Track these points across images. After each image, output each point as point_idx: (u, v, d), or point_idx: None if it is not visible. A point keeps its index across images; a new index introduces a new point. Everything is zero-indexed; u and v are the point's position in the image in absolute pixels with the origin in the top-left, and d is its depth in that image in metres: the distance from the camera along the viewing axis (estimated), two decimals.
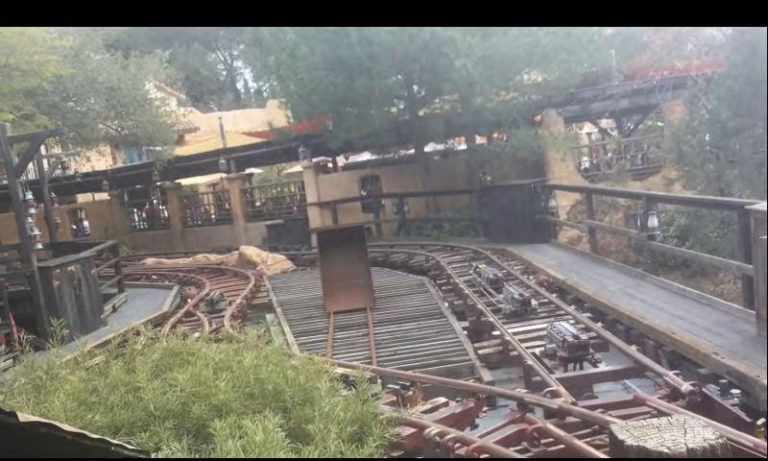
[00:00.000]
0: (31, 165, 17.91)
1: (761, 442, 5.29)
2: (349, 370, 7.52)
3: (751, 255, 8.38)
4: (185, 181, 31.32)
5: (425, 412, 6.84)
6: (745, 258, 9.13)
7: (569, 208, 19.78)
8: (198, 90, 55.16)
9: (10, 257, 20.65)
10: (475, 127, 21.25)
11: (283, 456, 3.52)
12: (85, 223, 31.79)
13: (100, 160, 29.89)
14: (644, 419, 6.05)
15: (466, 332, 11.12)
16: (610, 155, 24.41)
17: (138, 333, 6.19)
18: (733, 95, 14.38)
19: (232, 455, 3.51)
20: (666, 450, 1.76)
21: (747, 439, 5.12)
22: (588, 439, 5.81)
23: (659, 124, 21.73)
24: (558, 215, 18.54)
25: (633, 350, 8.50)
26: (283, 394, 4.53)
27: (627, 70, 21.24)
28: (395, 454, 5.56)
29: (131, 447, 3.49)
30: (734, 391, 6.60)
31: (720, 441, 1.77)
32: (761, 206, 8.17)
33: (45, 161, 19.10)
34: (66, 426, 2.86)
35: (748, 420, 5.93)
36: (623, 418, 6.05)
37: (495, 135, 23.66)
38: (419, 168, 23.16)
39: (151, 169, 27.49)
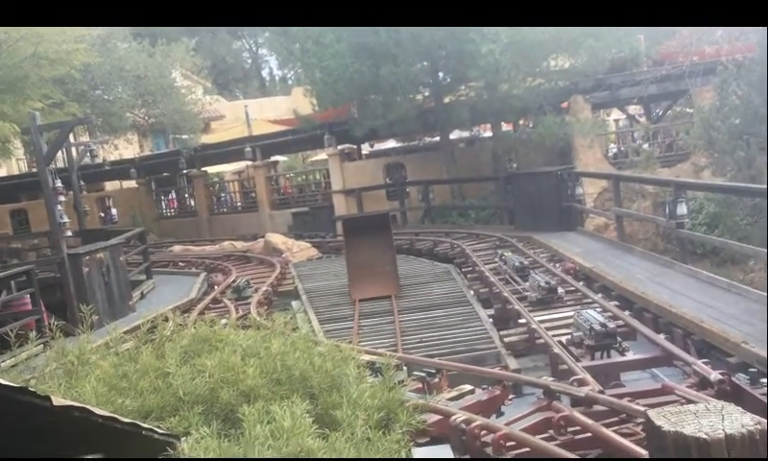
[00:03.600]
0: (60, 153, 18.10)
1: None
2: (376, 357, 7.54)
3: None
4: (211, 169, 31.50)
5: (451, 399, 6.85)
6: None
7: (596, 196, 19.60)
8: (223, 78, 55.45)
9: (40, 244, 21.00)
10: (501, 114, 21.12)
11: (311, 442, 3.54)
12: (113, 210, 32.12)
13: (127, 148, 30.23)
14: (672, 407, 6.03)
15: (491, 320, 11.10)
16: (638, 141, 24.14)
17: (167, 319, 6.25)
18: (764, 81, 14.13)
19: (261, 440, 3.53)
20: (704, 436, 1.74)
21: None
22: (616, 427, 5.78)
23: (688, 110, 21.44)
24: (584, 203, 18.38)
25: (661, 338, 8.43)
26: (310, 380, 4.54)
27: (656, 55, 20.98)
28: (420, 440, 5.57)
29: (161, 430, 3.54)
30: (764, 380, 6.52)
31: (759, 427, 1.75)
32: None
33: (74, 149, 19.31)
34: (98, 410, 2.91)
35: None
36: (651, 406, 6.01)
37: (522, 122, 23.53)
38: (444, 155, 23.08)
39: (177, 157, 27.69)
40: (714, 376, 6.49)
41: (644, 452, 4.74)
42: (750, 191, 12.78)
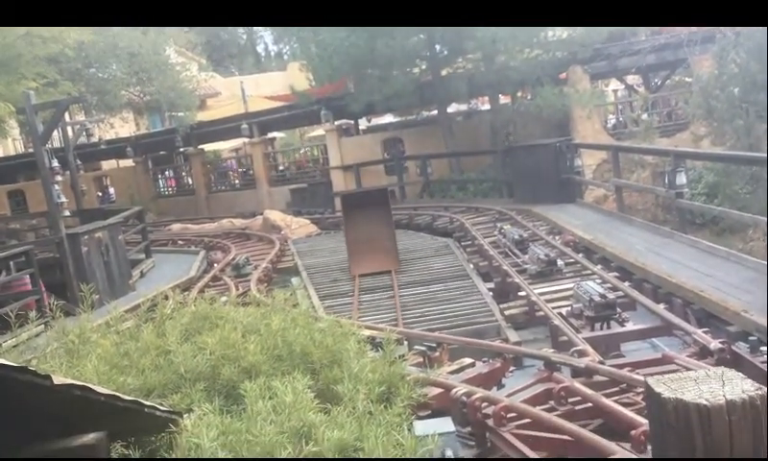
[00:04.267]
0: (55, 133, 18.01)
1: None
2: (376, 332, 7.56)
3: None
4: (208, 147, 31.39)
5: (452, 373, 6.87)
6: None
7: (595, 167, 19.56)
8: (218, 55, 55.11)
9: (38, 225, 20.98)
10: (499, 86, 20.99)
11: (313, 416, 3.55)
12: (111, 189, 32.07)
13: (123, 127, 30.11)
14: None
15: (491, 293, 11.12)
16: (637, 111, 24.04)
17: (167, 298, 6.25)
18: (763, 49, 14.04)
19: (263, 415, 3.55)
20: (705, 402, 1.74)
21: None
22: (616, 397, 5.80)
23: (687, 79, 21.34)
24: (583, 174, 18.34)
25: (660, 308, 8.43)
26: (311, 356, 4.56)
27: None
28: (422, 413, 5.59)
29: (163, 407, 3.55)
30: (764, 348, 6.54)
31: (759, 392, 1.74)
32: None
33: (69, 129, 19.22)
34: (100, 388, 2.91)
35: None
36: (651, 376, 6.03)
37: (519, 94, 23.39)
38: (442, 129, 22.99)
39: (174, 135, 27.59)
40: (714, 344, 6.51)
41: (644, 421, 4.76)
42: (749, 159, 12.74)
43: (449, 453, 4.87)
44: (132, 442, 3.63)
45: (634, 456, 4.50)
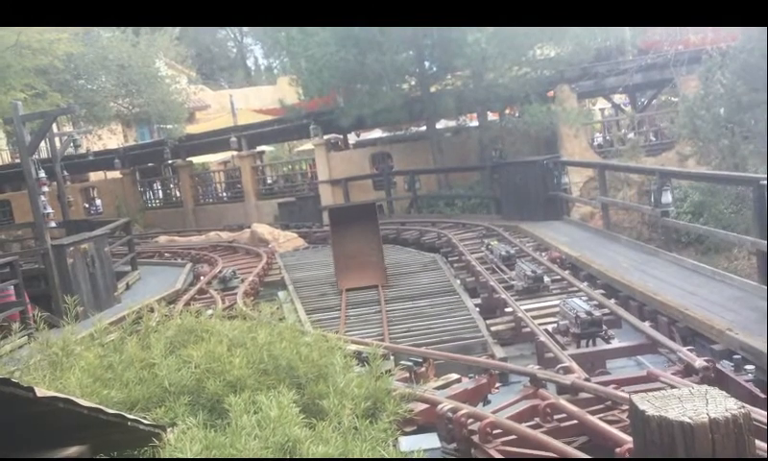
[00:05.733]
0: (43, 144, 17.94)
1: None
2: (362, 346, 7.54)
3: (766, 231, 8.31)
4: (197, 159, 31.35)
5: (438, 388, 6.87)
6: (760, 234, 9.07)
7: (582, 185, 19.68)
8: (208, 68, 55.15)
9: (24, 236, 20.84)
10: (487, 102, 21.10)
11: (298, 431, 3.53)
12: (98, 201, 31.94)
13: (111, 139, 30.00)
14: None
15: (478, 309, 11.12)
16: (623, 130, 24.21)
17: (152, 310, 6.22)
18: (749, 69, 14.23)
19: (248, 430, 3.53)
20: (688, 420, 1.75)
21: (760, 414, 5.10)
22: (601, 415, 5.81)
23: (673, 99, 21.56)
24: (570, 192, 18.44)
25: (646, 326, 8.47)
26: (297, 370, 4.54)
27: (641, 44, 21.03)
28: (407, 429, 5.58)
29: (146, 421, 3.53)
30: (748, 367, 6.59)
31: (742, 411, 1.76)
32: None
33: (57, 139, 19.15)
34: (83, 401, 2.89)
35: (762, 396, 5.92)
36: (636, 393, 6.05)
37: (508, 111, 23.53)
38: (430, 145, 23.08)
39: (162, 147, 27.53)
40: (699, 362, 6.54)
41: (629, 439, 4.78)
42: (734, 179, 12.86)
43: None
44: (114, 455, 3.60)
45: None
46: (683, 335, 8.40)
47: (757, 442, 2.94)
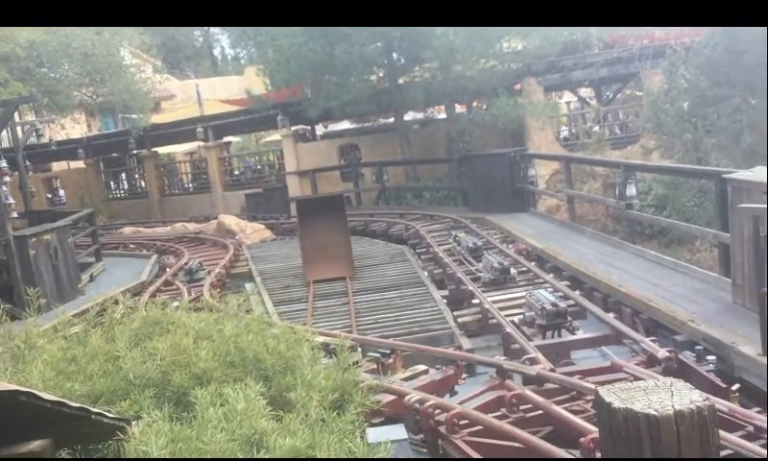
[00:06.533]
0: (4, 133, 17.58)
1: (736, 407, 5.39)
2: (330, 338, 7.53)
3: (727, 224, 8.47)
4: (162, 150, 30.98)
5: (405, 379, 6.89)
6: (722, 227, 9.23)
7: (548, 177, 19.85)
8: (174, 57, 54.41)
9: None
10: (455, 95, 21.18)
11: (265, 424, 3.52)
12: (61, 191, 31.40)
13: (75, 128, 29.49)
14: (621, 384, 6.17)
15: (445, 301, 11.17)
16: (589, 124, 24.46)
17: (117, 302, 6.13)
18: (712, 64, 14.45)
19: (214, 423, 3.50)
20: (654, 412, 1.76)
21: (722, 404, 5.21)
22: (566, 405, 5.88)
23: (638, 93, 21.80)
24: (537, 184, 18.60)
25: (610, 317, 8.58)
26: (264, 362, 4.51)
27: (607, 38, 21.24)
28: (375, 420, 5.59)
29: (111, 415, 3.48)
30: (710, 357, 6.71)
31: (706, 403, 1.78)
32: (738, 174, 8.24)
33: (19, 129, 18.77)
34: (46, 395, 2.84)
35: (723, 385, 6.04)
36: (600, 384, 6.13)
37: (475, 104, 23.62)
38: (398, 137, 23.08)
39: (127, 137, 27.15)
40: (662, 353, 6.65)
41: (594, 429, 4.84)
42: (697, 173, 13.07)
43: None
44: (78, 449, 3.55)
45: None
46: (646, 326, 8.53)
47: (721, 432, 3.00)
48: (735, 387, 5.95)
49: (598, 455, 4.64)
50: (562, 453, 4.74)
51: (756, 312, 6.79)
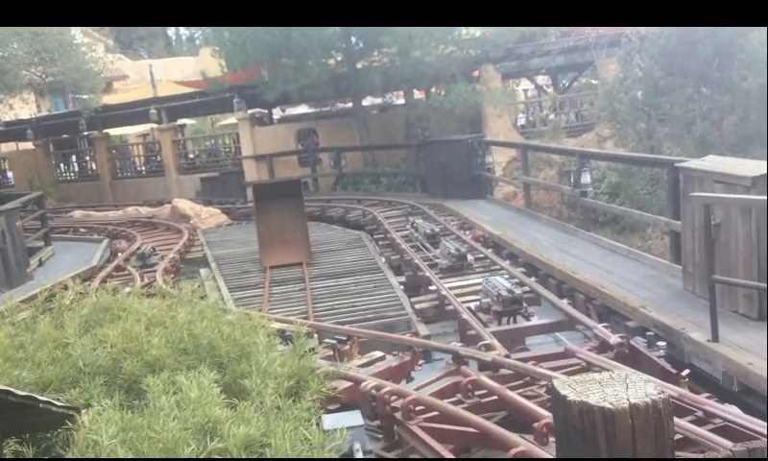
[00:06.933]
0: None
1: (685, 392, 5.50)
2: (286, 325, 7.49)
3: (679, 212, 8.62)
4: (114, 131, 30.37)
5: (362, 366, 6.89)
6: (673, 215, 9.40)
7: (505, 165, 20.00)
8: (126, 36, 53.25)
9: None
10: (414, 81, 21.17)
11: (219, 412, 3.47)
12: (9, 173, 30.61)
13: (23, 108, 28.65)
14: (574, 369, 6.24)
15: (402, 287, 11.19)
16: (545, 111, 24.70)
17: (66, 288, 6.00)
18: (666, 54, 14.66)
19: (166, 411, 3.44)
20: (609, 406, 1.76)
21: (672, 389, 5.31)
22: (521, 390, 5.94)
23: (593, 81, 22.09)
24: (494, 171, 18.72)
25: (564, 303, 8.69)
26: (219, 349, 4.45)
27: (564, 27, 21.42)
28: (331, 407, 5.57)
29: (59, 403, 3.39)
30: (661, 343, 6.84)
31: (662, 396, 1.79)
32: (691, 163, 8.39)
33: None
34: None
35: (673, 371, 6.16)
36: (554, 369, 6.21)
37: (434, 90, 23.65)
38: (356, 122, 22.99)
39: (77, 118, 26.50)
40: (614, 339, 6.76)
41: (547, 414, 4.90)
42: (649, 161, 13.29)
43: (357, 447, 4.88)
44: (26, 438, 3.46)
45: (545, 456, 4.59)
46: (599, 312, 8.66)
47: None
48: (685, 373, 6.07)
49: (551, 440, 4.69)
50: (515, 438, 4.78)
51: (706, 299, 6.93)
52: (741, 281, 6.99)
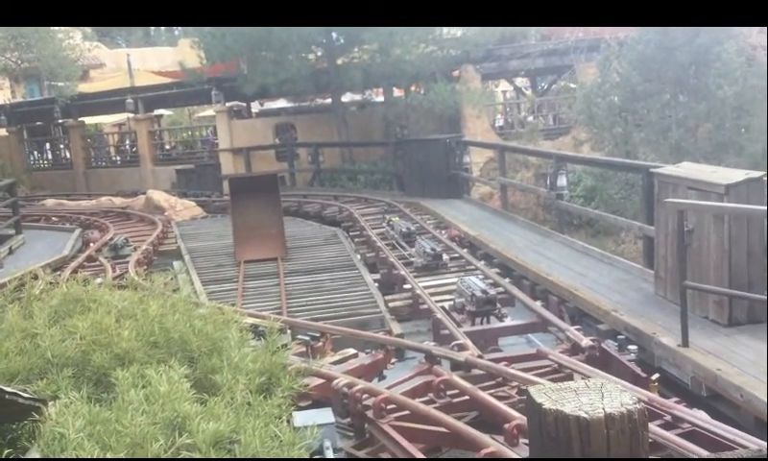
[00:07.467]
0: None
1: (654, 396, 5.55)
2: (259, 320, 7.44)
3: (653, 217, 8.70)
4: (89, 120, 29.99)
5: (334, 363, 6.87)
6: (647, 220, 9.48)
7: (482, 165, 20.07)
8: None
9: None
10: (393, 78, 21.15)
11: (188, 407, 3.43)
12: None
13: None
14: (545, 371, 6.28)
15: (377, 285, 11.17)
16: (523, 113, 24.82)
17: (36, 277, 5.91)
18: (644, 60, 14.81)
19: (135, 405, 3.40)
20: (584, 415, 1.76)
21: (642, 394, 5.36)
22: (492, 391, 5.96)
23: (571, 85, 22.24)
24: (471, 171, 18.78)
25: (537, 305, 8.73)
26: (190, 344, 4.41)
27: (544, 29, 21.55)
28: (302, 403, 5.55)
29: (26, 394, 3.34)
30: (631, 347, 6.90)
31: (637, 406, 1.79)
32: (665, 169, 8.47)
33: None
34: None
35: (643, 375, 6.21)
36: (526, 371, 6.24)
37: (413, 88, 23.66)
38: (335, 118, 22.93)
39: (52, 105, 26.14)
40: (585, 342, 6.80)
41: (518, 415, 4.92)
42: (625, 166, 13.40)
43: (328, 444, 4.86)
44: None
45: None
46: (571, 315, 8.71)
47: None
48: (655, 377, 6.12)
49: (522, 441, 4.72)
50: (486, 439, 4.79)
51: (677, 304, 7.00)
52: (712, 288, 7.07)
